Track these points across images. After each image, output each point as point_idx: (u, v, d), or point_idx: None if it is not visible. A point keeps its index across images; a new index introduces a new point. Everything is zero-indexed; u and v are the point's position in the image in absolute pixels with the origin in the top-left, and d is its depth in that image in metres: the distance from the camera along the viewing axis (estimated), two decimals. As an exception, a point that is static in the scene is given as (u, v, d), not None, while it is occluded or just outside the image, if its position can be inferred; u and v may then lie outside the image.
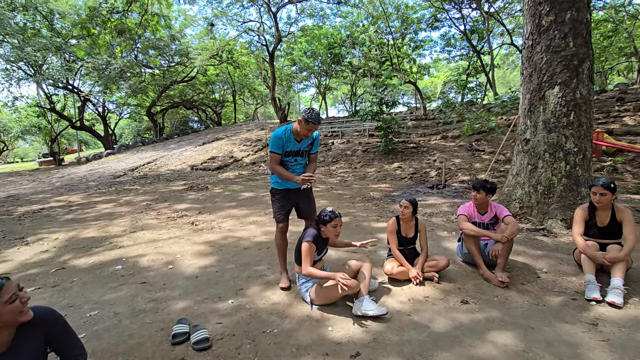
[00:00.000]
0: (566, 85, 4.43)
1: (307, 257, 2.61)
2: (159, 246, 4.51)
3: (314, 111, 2.83)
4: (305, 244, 2.63)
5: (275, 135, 2.97)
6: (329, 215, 2.71)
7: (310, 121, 2.79)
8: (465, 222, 3.24)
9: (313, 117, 2.80)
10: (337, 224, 2.72)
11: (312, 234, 2.67)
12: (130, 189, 10.32)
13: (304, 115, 2.81)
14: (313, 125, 2.82)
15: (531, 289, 2.91)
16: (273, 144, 2.96)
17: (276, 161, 2.99)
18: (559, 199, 4.52)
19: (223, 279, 3.34)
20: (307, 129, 2.85)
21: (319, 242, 2.70)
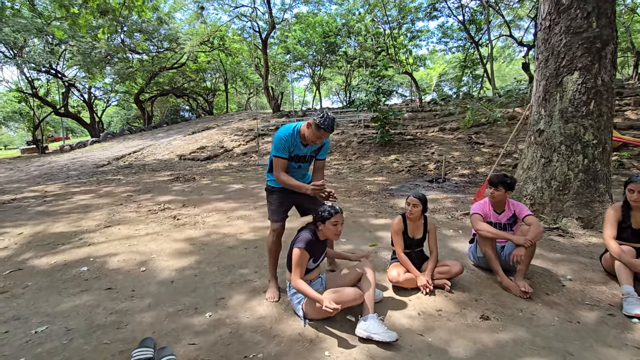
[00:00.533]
0: (587, 71, 4.02)
1: (298, 267, 2.17)
2: (133, 244, 4.03)
3: (328, 117, 2.36)
4: (296, 251, 2.19)
5: (279, 136, 2.49)
6: (327, 210, 2.27)
7: (322, 128, 2.34)
8: (480, 222, 2.84)
9: (326, 124, 2.33)
10: (337, 221, 2.28)
11: (305, 238, 2.23)
12: (113, 179, 9.74)
13: (316, 120, 2.36)
14: (325, 132, 2.38)
15: (558, 301, 2.52)
16: (278, 146, 2.49)
17: (282, 167, 2.51)
18: (575, 195, 4.15)
19: (202, 285, 2.89)
20: (317, 135, 2.41)
21: (314, 247, 2.26)
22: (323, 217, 2.25)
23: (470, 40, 18.74)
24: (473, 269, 3.13)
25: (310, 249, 2.20)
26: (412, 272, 2.70)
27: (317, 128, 2.35)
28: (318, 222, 2.28)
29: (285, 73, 31.02)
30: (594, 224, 4.03)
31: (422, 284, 2.62)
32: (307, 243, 2.19)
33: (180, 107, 39.80)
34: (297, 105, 45.76)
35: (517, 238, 2.64)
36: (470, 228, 4.30)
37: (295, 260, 2.17)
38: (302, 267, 2.18)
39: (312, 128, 2.39)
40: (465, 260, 3.32)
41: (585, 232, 3.96)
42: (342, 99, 39.65)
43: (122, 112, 40.12)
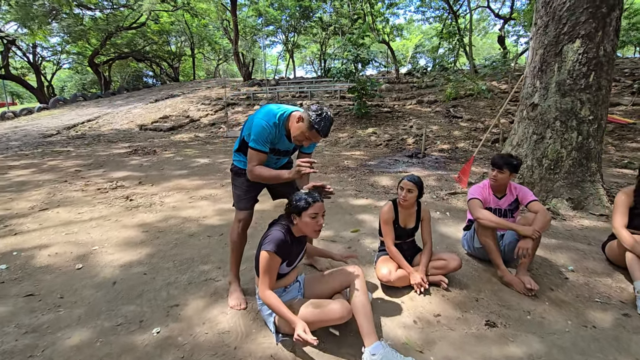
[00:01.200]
0: (589, 39, 3.66)
1: (266, 274, 1.69)
2: (73, 231, 3.39)
3: (327, 117, 1.84)
4: (264, 255, 1.70)
5: (261, 125, 1.91)
6: (303, 199, 1.76)
7: (316, 129, 1.83)
8: (480, 209, 2.47)
9: (322, 127, 1.82)
10: (317, 212, 1.77)
11: (276, 238, 1.73)
12: (61, 151, 8.68)
13: (310, 116, 1.83)
14: (318, 136, 1.88)
15: (565, 298, 2.24)
16: (258, 137, 1.92)
17: (260, 161, 1.96)
18: (566, 175, 3.91)
19: (152, 287, 2.37)
20: (307, 136, 1.89)
21: (288, 248, 1.78)
22: (298, 208, 1.76)
23: (449, 10, 18.14)
24: (468, 259, 2.80)
25: (282, 251, 1.72)
26: (405, 268, 2.31)
27: (309, 127, 1.83)
28: (292, 214, 1.79)
29: (256, 38, 29.16)
30: (584, 204, 3.83)
31: (416, 282, 2.25)
32: (278, 244, 1.70)
33: (144, 72, 36.82)
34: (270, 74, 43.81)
35: (523, 228, 2.29)
36: (458, 210, 4.00)
37: (263, 266, 1.69)
38: (272, 275, 1.71)
39: (303, 124, 1.86)
40: (457, 248, 2.99)
41: (575, 213, 3.75)
42: (316, 68, 38.28)
43: (76, 76, 36.59)
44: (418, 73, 18.20)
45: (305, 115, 1.85)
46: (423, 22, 28.16)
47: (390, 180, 5.38)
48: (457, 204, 4.23)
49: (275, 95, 14.85)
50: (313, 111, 1.82)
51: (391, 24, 27.01)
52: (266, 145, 1.94)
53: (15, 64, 25.59)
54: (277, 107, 1.99)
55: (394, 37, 30.55)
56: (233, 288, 2.22)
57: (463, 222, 3.61)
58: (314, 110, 1.83)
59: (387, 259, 2.41)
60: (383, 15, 24.47)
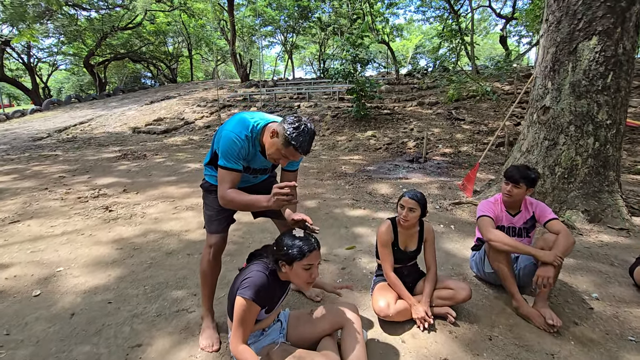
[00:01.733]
0: (607, 36, 3.34)
1: (241, 325, 1.37)
2: (40, 248, 3.08)
3: (306, 129, 1.48)
4: (240, 301, 1.38)
5: (230, 138, 1.57)
6: (298, 248, 1.43)
7: (293, 145, 1.47)
8: (492, 229, 2.15)
9: (302, 144, 1.48)
10: (311, 263, 1.45)
11: (256, 283, 1.40)
12: (48, 156, 8.37)
13: (287, 134, 1.47)
14: (295, 153, 1.51)
15: (593, 336, 1.92)
16: (229, 153, 1.57)
17: (232, 182, 1.60)
18: (581, 184, 3.59)
19: (115, 321, 2.05)
20: (284, 154, 1.54)
21: (270, 294, 1.46)
22: (289, 257, 1.43)
23: (450, 9, 17.84)
24: (477, 282, 2.48)
25: (263, 298, 1.40)
26: (406, 299, 2.00)
27: (285, 143, 1.49)
28: (280, 261, 1.47)
29: (254, 39, 28.88)
30: (602, 217, 3.51)
31: (420, 317, 1.93)
32: (257, 291, 1.38)
33: (141, 74, 36.55)
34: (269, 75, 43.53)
35: (543, 254, 1.97)
36: (464, 222, 3.68)
37: (238, 315, 1.37)
38: (248, 326, 1.39)
39: (277, 140, 1.51)
40: (464, 269, 2.67)
41: (592, 227, 3.43)
42: (315, 69, 37.98)
43: (73, 77, 36.34)
44: (419, 74, 17.89)
45: (280, 128, 1.50)
46: (423, 22, 27.88)
47: (389, 188, 5.06)
48: (462, 215, 3.91)
49: (273, 97, 14.54)
50: (289, 124, 1.48)
51: (391, 24, 26.74)
52: (239, 162, 1.60)
53: (10, 65, 25.28)
54: (250, 116, 1.66)
55: (394, 38, 30.26)
56: (205, 324, 1.90)
57: (469, 236, 3.31)
58: (291, 123, 1.48)
59: (385, 286, 2.09)
60: (383, 15, 24.18)
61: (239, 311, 1.37)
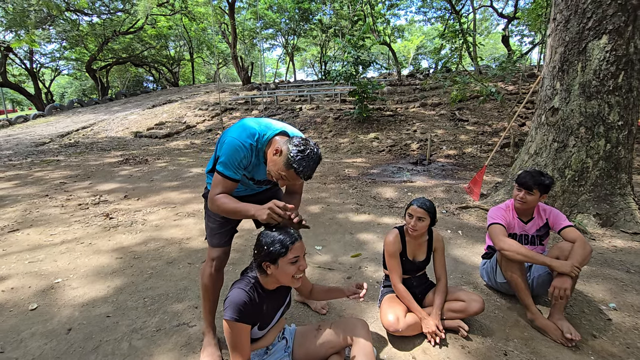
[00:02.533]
0: (618, 34, 3.25)
1: (234, 349, 1.29)
2: (38, 258, 3.01)
3: (311, 154, 1.39)
4: (225, 326, 1.30)
5: (235, 144, 1.49)
6: (279, 242, 1.35)
7: (294, 169, 1.38)
8: (504, 237, 2.05)
9: (304, 169, 1.39)
10: (298, 254, 1.38)
11: (235, 302, 1.31)
12: (50, 161, 8.35)
13: (290, 155, 1.38)
14: (296, 177, 1.41)
15: (614, 350, 1.82)
16: (230, 160, 1.49)
17: (225, 189, 1.53)
18: (592, 187, 3.49)
19: (113, 336, 1.97)
20: (284, 175, 1.43)
21: (256, 309, 1.37)
22: (273, 255, 1.34)
23: (451, 9, 17.76)
24: (488, 292, 2.39)
25: (248, 315, 1.32)
26: (416, 312, 1.91)
27: (286, 165, 1.39)
28: (263, 263, 1.38)
29: (255, 42, 28.90)
30: (614, 221, 3.41)
31: (431, 331, 1.85)
32: (239, 310, 1.29)
33: (144, 78, 36.68)
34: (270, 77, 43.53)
35: (560, 264, 1.88)
36: (471, 227, 3.59)
37: (227, 339, 1.29)
38: (242, 347, 1.30)
39: (279, 159, 1.42)
40: (474, 277, 2.58)
41: (605, 231, 3.33)
42: (317, 71, 37.95)
43: (75, 82, 36.52)
44: (421, 75, 17.79)
45: (285, 148, 1.41)
46: (424, 23, 27.83)
47: (394, 192, 4.98)
48: (469, 219, 3.82)
49: (275, 99, 14.50)
50: (295, 145, 1.39)
51: (392, 25, 26.69)
52: (238, 172, 1.52)
53: (13, 71, 25.41)
54: (257, 123, 1.56)
55: (395, 39, 30.20)
56: (206, 341, 1.82)
57: (478, 242, 3.22)
58: (296, 145, 1.39)
59: (394, 299, 2.01)
60: (384, 17, 24.13)
61: (227, 336, 1.29)
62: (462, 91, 6.66)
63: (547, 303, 2.23)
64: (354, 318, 1.58)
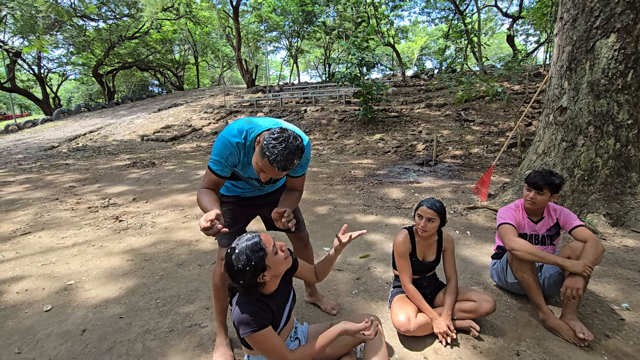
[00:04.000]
0: (627, 33, 3.23)
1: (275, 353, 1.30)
2: (51, 261, 3.06)
3: (285, 146, 1.31)
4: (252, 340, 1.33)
5: (222, 141, 1.50)
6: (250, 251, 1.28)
7: (269, 160, 1.32)
8: (515, 237, 2.05)
9: (277, 157, 1.31)
10: (271, 246, 1.35)
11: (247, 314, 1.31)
12: (60, 165, 8.46)
13: (264, 144, 1.33)
14: (271, 168, 1.35)
15: (628, 349, 1.81)
16: (217, 154, 1.52)
17: (211, 184, 1.55)
18: (602, 186, 3.46)
19: (126, 337, 2.00)
20: (261, 167, 1.38)
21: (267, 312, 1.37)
22: (258, 266, 1.28)
23: (455, 10, 17.72)
24: (498, 292, 2.39)
25: (263, 319, 1.33)
26: (426, 312, 1.91)
27: (261, 154, 1.34)
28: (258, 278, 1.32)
29: (259, 45, 29.06)
30: (625, 220, 3.38)
31: (442, 331, 1.85)
32: (253, 321, 1.29)
33: (149, 82, 37.03)
34: (274, 79, 43.72)
35: (571, 263, 1.87)
36: (480, 228, 3.58)
37: (263, 349, 1.30)
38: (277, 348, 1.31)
39: (257, 150, 1.39)
40: (484, 278, 2.58)
41: (615, 231, 3.30)
42: (320, 73, 38.04)
43: (82, 87, 36.97)
44: (426, 75, 17.76)
45: (260, 138, 1.39)
46: (428, 23, 27.83)
47: (401, 192, 4.97)
48: (477, 220, 3.81)
49: (279, 102, 14.56)
50: (269, 134, 1.34)
51: (396, 26, 26.69)
52: (224, 169, 1.53)
53: (21, 76, 25.80)
54: (248, 121, 1.55)
55: (399, 40, 30.20)
56: (218, 341, 1.84)
57: (487, 242, 3.21)
58: (271, 134, 1.34)
59: (404, 299, 2.01)
60: (387, 18, 24.15)
61: (260, 347, 1.30)
62: (467, 91, 6.64)
63: (558, 303, 2.22)
64: (365, 315, 1.59)
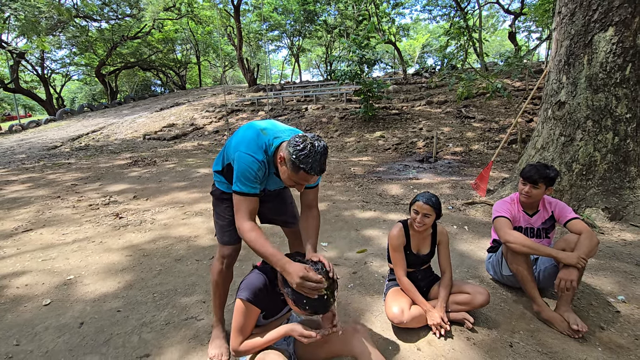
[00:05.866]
0: (625, 26, 3.21)
1: (239, 328, 1.32)
2: (52, 256, 3.09)
3: (313, 149, 1.33)
4: (237, 304, 1.35)
5: (248, 161, 1.43)
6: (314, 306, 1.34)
7: (306, 171, 1.33)
8: (509, 230, 2.05)
9: (313, 165, 1.33)
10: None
11: (252, 286, 1.36)
12: (62, 164, 8.52)
13: (293, 159, 1.33)
14: (309, 176, 1.36)
15: (622, 341, 1.81)
16: (245, 176, 1.43)
17: (249, 211, 1.46)
18: (600, 181, 3.45)
19: (123, 330, 2.02)
20: (297, 180, 1.41)
21: (268, 298, 1.40)
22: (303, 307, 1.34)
23: (456, 7, 17.64)
24: (494, 285, 2.39)
25: (261, 301, 1.35)
26: (420, 305, 1.92)
27: (294, 169, 1.35)
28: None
29: (261, 44, 29.07)
30: (623, 214, 3.37)
31: (435, 323, 1.85)
32: (254, 293, 1.34)
33: (152, 81, 37.15)
34: (276, 78, 43.74)
35: (565, 255, 1.87)
36: (477, 223, 3.58)
37: (235, 317, 1.33)
38: (246, 329, 1.33)
39: (286, 167, 1.38)
40: (480, 272, 2.58)
41: (614, 225, 3.29)
42: (322, 72, 38.01)
43: (86, 87, 37.16)
44: (427, 73, 17.72)
45: (286, 153, 1.36)
46: (430, 21, 27.68)
47: (400, 188, 4.98)
48: (476, 215, 3.80)
49: (280, 100, 14.57)
50: (293, 146, 1.33)
51: (397, 24, 26.60)
52: (256, 186, 1.47)
53: (25, 77, 25.98)
54: (262, 129, 1.50)
55: (401, 38, 30.10)
56: (215, 333, 1.85)
57: (484, 237, 3.21)
58: (294, 145, 1.33)
59: (399, 291, 2.02)
60: (389, 16, 24.08)
61: (236, 314, 1.32)
62: (468, 88, 6.62)
63: (553, 296, 2.22)
64: (353, 327, 1.55)
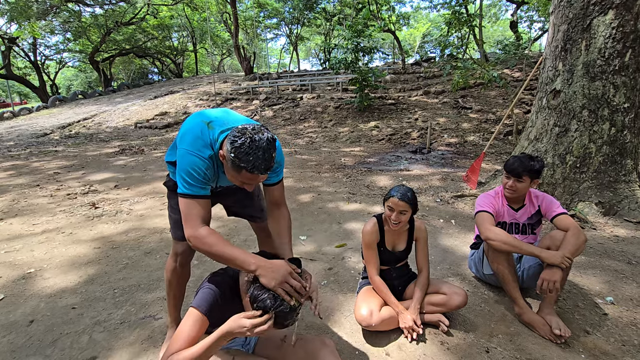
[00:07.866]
0: (626, 9, 3.01)
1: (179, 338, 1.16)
2: (15, 248, 2.94)
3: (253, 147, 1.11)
4: (189, 312, 1.19)
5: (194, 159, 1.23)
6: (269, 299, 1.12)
7: (248, 170, 1.13)
8: (490, 226, 1.90)
9: (255, 163, 1.12)
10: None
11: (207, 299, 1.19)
12: (49, 152, 8.33)
13: (232, 158, 1.12)
14: (253, 176, 1.16)
15: (608, 348, 1.67)
16: (191, 176, 1.23)
17: (202, 216, 1.25)
18: (595, 174, 3.29)
19: (74, 329, 1.88)
20: (242, 180, 1.20)
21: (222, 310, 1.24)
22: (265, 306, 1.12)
23: (457, -6, 17.19)
24: (476, 284, 2.25)
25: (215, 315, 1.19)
26: (392, 306, 1.78)
27: (235, 169, 1.15)
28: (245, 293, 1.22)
29: (259, 31, 28.53)
30: (618, 209, 3.22)
31: (407, 326, 1.71)
32: (210, 303, 1.18)
33: (148, 69, 36.61)
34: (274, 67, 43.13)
35: (549, 254, 1.72)
36: (465, 217, 3.43)
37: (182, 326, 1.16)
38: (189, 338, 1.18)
39: (226, 163, 1.19)
40: (463, 269, 2.44)
41: (607, 220, 3.15)
42: (321, 61, 37.47)
43: (81, 75, 36.65)
44: (426, 62, 17.40)
45: (225, 152, 1.16)
46: (431, 9, 27.18)
47: (389, 180, 4.82)
48: (464, 208, 3.65)
49: (276, 89, 14.30)
50: (230, 143, 1.12)
51: (397, 12, 26.06)
52: (206, 187, 1.27)
53: (18, 63, 25.52)
54: (209, 122, 1.28)
55: (401, 27, 29.54)
56: (170, 335, 1.71)
57: (470, 231, 3.07)
58: (232, 142, 1.12)
59: (370, 291, 1.88)
60: (389, 4, 23.57)
61: (183, 322, 1.17)
62: (464, 77, 6.41)
63: (539, 297, 2.08)
64: (319, 339, 1.41)
